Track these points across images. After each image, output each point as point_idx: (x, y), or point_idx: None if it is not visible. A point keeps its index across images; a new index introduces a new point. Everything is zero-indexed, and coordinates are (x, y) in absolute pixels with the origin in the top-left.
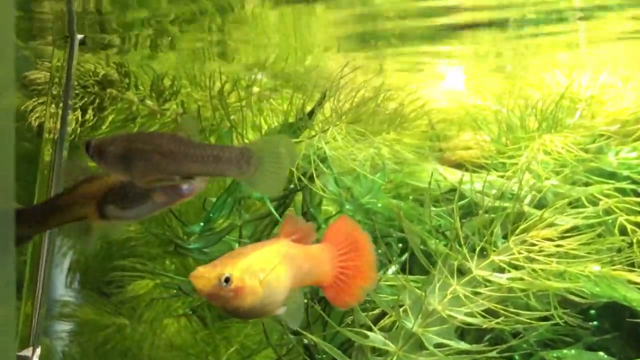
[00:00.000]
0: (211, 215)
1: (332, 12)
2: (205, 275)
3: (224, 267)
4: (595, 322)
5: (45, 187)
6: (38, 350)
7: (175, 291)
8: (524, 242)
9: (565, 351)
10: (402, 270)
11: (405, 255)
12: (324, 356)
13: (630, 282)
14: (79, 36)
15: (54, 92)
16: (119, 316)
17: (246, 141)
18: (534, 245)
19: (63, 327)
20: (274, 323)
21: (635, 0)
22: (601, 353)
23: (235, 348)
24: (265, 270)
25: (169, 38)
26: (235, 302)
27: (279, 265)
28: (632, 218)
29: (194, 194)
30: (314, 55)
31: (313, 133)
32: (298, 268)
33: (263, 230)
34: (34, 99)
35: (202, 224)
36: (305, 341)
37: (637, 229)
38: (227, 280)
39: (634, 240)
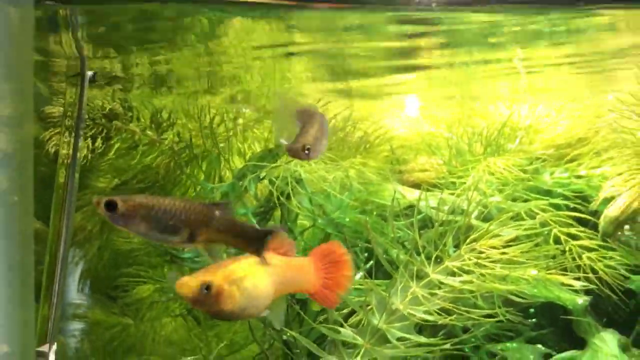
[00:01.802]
0: None
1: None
2: (188, 284)
3: (205, 276)
4: (534, 319)
5: (60, 206)
6: (54, 347)
7: (172, 295)
8: (473, 250)
9: (508, 344)
10: (369, 275)
11: (371, 262)
12: (301, 350)
13: (563, 284)
14: (89, 73)
15: (67, 124)
16: (124, 317)
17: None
18: (482, 252)
19: (76, 327)
20: (258, 322)
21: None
22: (539, 345)
23: (225, 343)
24: (244, 278)
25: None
26: (216, 307)
27: (259, 274)
28: (564, 229)
29: None
30: (291, 88)
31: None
32: (280, 277)
33: None
34: (50, 130)
35: None
36: (285, 337)
37: (569, 239)
38: (207, 287)
39: (566, 249)
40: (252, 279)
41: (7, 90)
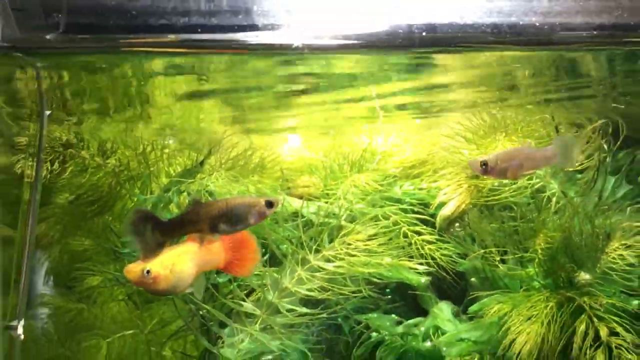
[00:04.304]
0: None
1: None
2: (133, 270)
3: (145, 263)
4: (389, 296)
5: (26, 217)
6: (22, 322)
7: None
8: (344, 243)
9: (370, 315)
10: (265, 263)
11: (267, 255)
12: (214, 321)
13: (410, 268)
14: (47, 112)
15: (31, 151)
16: (79, 303)
17: (161, 183)
18: (350, 244)
19: (42, 312)
20: (182, 302)
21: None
22: (393, 315)
23: (157, 320)
24: (175, 264)
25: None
26: (154, 286)
27: (185, 260)
28: (411, 228)
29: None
30: (205, 124)
31: (203, 176)
32: (199, 260)
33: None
34: (17, 155)
35: None
36: (202, 312)
37: (414, 234)
38: (148, 272)
39: (413, 241)
40: (180, 264)
41: None
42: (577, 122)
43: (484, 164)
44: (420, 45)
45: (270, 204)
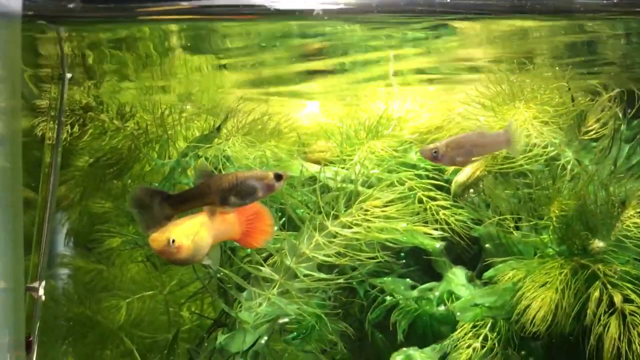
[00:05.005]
0: None
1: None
2: (158, 239)
3: (170, 233)
4: (404, 260)
5: (47, 179)
6: (43, 283)
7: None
8: (361, 209)
9: (385, 278)
10: (282, 228)
11: (284, 219)
12: (231, 284)
13: (425, 233)
14: (68, 75)
15: (52, 114)
16: (99, 263)
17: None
18: (367, 210)
19: (63, 272)
20: (200, 266)
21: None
22: (407, 279)
23: (175, 282)
24: (195, 234)
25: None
26: (176, 256)
27: (203, 230)
28: (426, 193)
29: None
30: (222, 90)
31: (220, 141)
32: (216, 231)
33: None
34: (38, 118)
35: None
36: (219, 275)
37: (429, 200)
38: (173, 241)
39: (427, 207)
40: (201, 235)
41: (2, 88)
42: (594, 89)
43: (435, 151)
44: (440, 12)
45: (279, 177)
